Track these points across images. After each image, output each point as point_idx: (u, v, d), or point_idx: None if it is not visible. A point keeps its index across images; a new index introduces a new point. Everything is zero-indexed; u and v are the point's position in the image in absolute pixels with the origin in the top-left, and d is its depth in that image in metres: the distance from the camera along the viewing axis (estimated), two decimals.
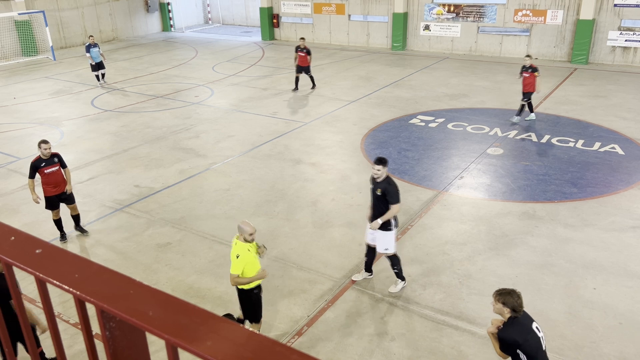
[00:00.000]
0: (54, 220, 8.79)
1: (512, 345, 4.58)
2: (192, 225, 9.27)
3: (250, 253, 5.85)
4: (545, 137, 12.81)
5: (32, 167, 8.37)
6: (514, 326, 4.62)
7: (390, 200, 6.85)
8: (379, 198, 6.94)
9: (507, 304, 4.59)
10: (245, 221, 5.91)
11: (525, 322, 4.67)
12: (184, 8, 33.29)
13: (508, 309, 4.60)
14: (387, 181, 6.88)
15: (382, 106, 15.75)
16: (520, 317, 4.66)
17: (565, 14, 20.58)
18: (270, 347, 0.96)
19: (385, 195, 6.85)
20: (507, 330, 4.62)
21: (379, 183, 6.90)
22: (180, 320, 1.03)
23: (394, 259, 7.27)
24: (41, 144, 8.39)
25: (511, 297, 4.60)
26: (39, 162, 8.37)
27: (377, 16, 24.90)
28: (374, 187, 7.01)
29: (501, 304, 4.62)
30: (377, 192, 6.91)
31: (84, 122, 15.15)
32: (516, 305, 4.59)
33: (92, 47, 18.52)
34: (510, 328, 4.62)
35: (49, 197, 8.55)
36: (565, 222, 8.93)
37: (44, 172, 8.38)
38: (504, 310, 4.63)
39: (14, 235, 1.34)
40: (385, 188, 6.85)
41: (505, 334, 4.61)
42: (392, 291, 7.32)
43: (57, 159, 8.55)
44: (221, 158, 12.19)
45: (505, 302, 4.59)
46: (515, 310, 4.60)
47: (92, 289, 1.13)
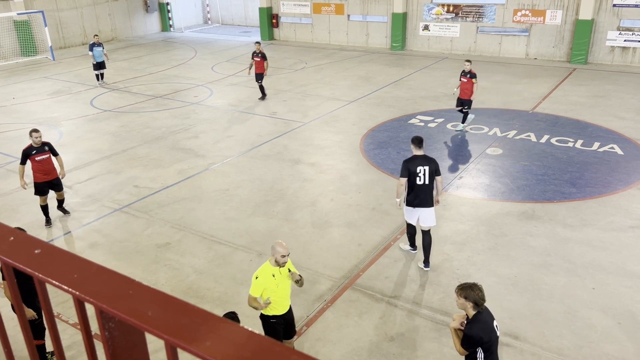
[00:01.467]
0: (41, 205, 9.23)
1: (477, 343, 4.60)
2: (191, 225, 9.26)
3: (273, 280, 5.38)
4: (545, 137, 12.81)
5: (23, 154, 8.84)
6: (479, 323, 4.62)
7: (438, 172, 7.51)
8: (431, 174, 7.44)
9: (469, 298, 4.60)
10: (279, 241, 5.47)
11: (488, 320, 4.69)
12: (183, 8, 33.28)
13: (470, 303, 4.61)
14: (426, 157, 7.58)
15: (381, 106, 15.76)
16: (484, 313, 4.67)
17: (564, 14, 20.60)
18: (270, 347, 0.96)
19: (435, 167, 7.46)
20: (473, 327, 4.62)
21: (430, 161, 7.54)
22: (179, 320, 1.03)
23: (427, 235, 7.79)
24: (32, 132, 8.86)
25: (472, 292, 4.61)
26: (30, 150, 8.83)
27: (376, 16, 24.91)
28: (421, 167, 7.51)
29: (463, 299, 4.63)
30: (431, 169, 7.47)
31: (83, 122, 15.14)
32: (478, 299, 4.60)
33: (95, 47, 18.53)
34: (475, 325, 4.62)
35: (38, 184, 9.00)
36: (565, 222, 8.93)
37: (34, 159, 8.84)
38: (467, 304, 4.63)
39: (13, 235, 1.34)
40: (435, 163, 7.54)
41: (472, 331, 4.60)
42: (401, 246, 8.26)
43: (47, 148, 9.00)
44: (220, 158, 12.19)
45: (467, 296, 4.60)
46: (478, 304, 4.60)
47: (91, 289, 1.13)
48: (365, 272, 7.78)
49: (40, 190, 9.05)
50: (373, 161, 11.75)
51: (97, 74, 19.13)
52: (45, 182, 9.02)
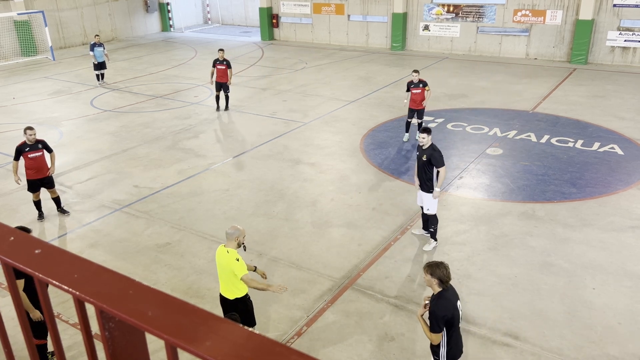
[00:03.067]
0: (34, 201, 9.49)
1: (442, 319, 4.69)
2: (191, 225, 9.27)
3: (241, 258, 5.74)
4: (545, 137, 12.81)
5: (16, 151, 9.06)
6: (443, 300, 4.74)
7: (436, 165, 7.76)
8: (424, 164, 7.85)
9: (434, 275, 4.72)
10: (232, 225, 5.86)
11: (451, 298, 4.81)
12: (183, 8, 33.28)
13: (436, 280, 4.73)
14: (432, 148, 7.81)
15: (381, 106, 15.76)
16: (449, 292, 4.79)
17: (564, 14, 20.60)
18: (270, 347, 0.96)
19: (431, 160, 7.75)
20: (438, 304, 4.72)
21: (424, 150, 7.82)
22: (179, 320, 1.03)
23: (432, 219, 8.17)
24: (27, 130, 9.05)
25: (438, 269, 4.74)
26: (24, 147, 9.05)
27: (376, 16, 24.91)
28: (419, 154, 7.91)
29: (429, 275, 4.76)
30: (423, 159, 7.83)
31: (83, 122, 15.14)
32: (442, 276, 4.72)
33: (96, 47, 18.56)
34: (440, 301, 4.73)
35: (30, 180, 9.20)
36: (565, 222, 8.93)
37: (27, 156, 9.04)
38: (432, 281, 4.76)
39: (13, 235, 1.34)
40: (430, 154, 7.75)
41: (437, 307, 4.71)
42: (426, 249, 8.19)
43: (41, 145, 9.19)
44: (220, 158, 12.19)
45: (433, 273, 4.73)
46: (442, 281, 4.73)
47: (91, 289, 1.13)
48: (365, 272, 7.78)
49: (32, 186, 9.26)
50: (373, 161, 11.75)
51: (98, 74, 19.14)
52: (37, 180, 9.20)
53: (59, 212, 9.73)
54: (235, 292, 5.82)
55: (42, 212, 9.62)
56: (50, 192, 9.50)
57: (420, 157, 7.93)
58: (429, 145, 7.83)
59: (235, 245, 5.73)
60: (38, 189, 9.31)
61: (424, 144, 7.82)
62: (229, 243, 5.75)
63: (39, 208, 9.57)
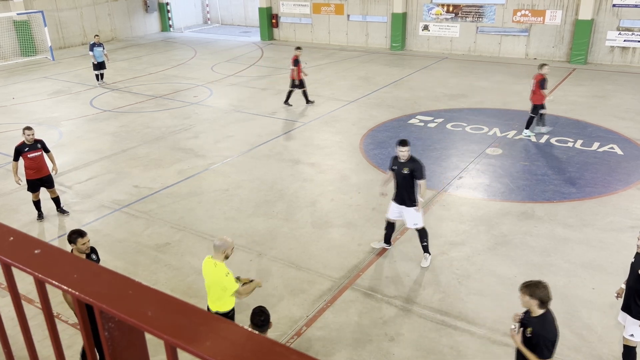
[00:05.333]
0: (34, 201, 9.48)
1: (552, 343, 4.45)
2: (191, 225, 9.26)
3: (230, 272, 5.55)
4: (544, 137, 12.81)
5: (15, 151, 9.07)
6: (549, 322, 4.49)
7: (419, 177, 7.47)
8: (405, 177, 7.52)
9: (534, 296, 4.48)
10: (221, 237, 5.58)
11: (554, 320, 4.58)
12: (182, 8, 33.27)
13: (536, 300, 4.48)
14: (412, 160, 7.54)
15: (381, 106, 15.76)
16: (551, 313, 4.56)
17: (564, 14, 20.60)
18: (270, 347, 0.96)
19: (414, 172, 7.45)
20: (545, 327, 4.47)
21: (404, 163, 7.52)
22: (179, 320, 1.03)
23: (422, 232, 7.81)
24: (25, 130, 9.07)
25: (538, 289, 4.49)
26: (23, 147, 9.05)
27: (376, 16, 24.91)
28: (399, 168, 7.55)
29: (528, 296, 4.50)
30: (404, 171, 7.50)
31: (83, 123, 15.14)
32: (544, 297, 4.48)
33: (95, 47, 18.56)
34: (546, 324, 4.49)
35: (30, 180, 9.21)
36: (564, 222, 8.93)
37: (26, 156, 9.05)
38: (532, 302, 4.51)
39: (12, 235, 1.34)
40: (412, 167, 7.48)
41: (544, 331, 4.46)
42: (424, 265, 7.83)
43: (39, 145, 9.21)
44: (220, 158, 12.19)
45: (532, 294, 4.48)
46: (544, 302, 4.48)
47: (91, 289, 1.13)
48: (365, 272, 7.78)
49: (32, 186, 9.27)
50: (373, 161, 11.75)
51: (97, 74, 19.13)
52: (37, 179, 9.21)
53: (58, 212, 9.74)
54: (219, 305, 5.62)
55: (42, 212, 9.62)
56: (50, 192, 9.51)
57: (400, 171, 7.55)
58: (408, 157, 7.53)
59: (223, 257, 5.47)
60: (38, 188, 9.33)
61: (405, 156, 7.50)
62: (217, 255, 5.48)
63: (39, 208, 9.57)
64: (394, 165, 7.68)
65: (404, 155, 7.48)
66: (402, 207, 7.71)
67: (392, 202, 7.85)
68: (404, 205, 7.69)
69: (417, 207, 7.64)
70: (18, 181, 9.28)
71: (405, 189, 7.58)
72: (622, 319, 5.84)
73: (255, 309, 4.88)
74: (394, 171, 7.69)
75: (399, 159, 7.57)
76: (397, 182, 7.69)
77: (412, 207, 7.64)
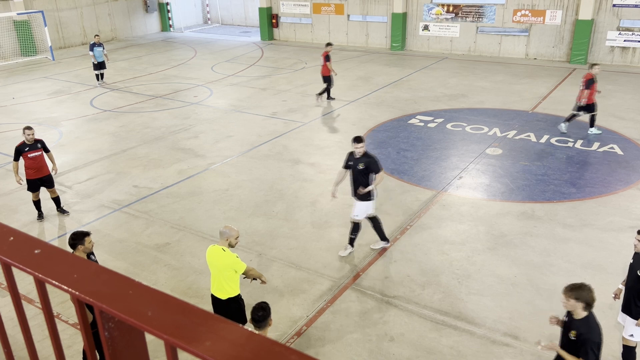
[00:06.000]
0: (34, 201, 9.49)
1: (598, 346, 4.44)
2: (191, 225, 9.26)
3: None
4: (544, 137, 12.81)
5: (16, 151, 9.09)
6: (594, 324, 4.49)
7: (375, 170, 7.73)
8: (361, 172, 7.76)
9: (580, 299, 4.49)
10: (227, 225, 5.88)
11: (598, 322, 4.58)
12: (183, 8, 33.27)
13: (582, 303, 4.49)
14: (367, 155, 7.78)
15: (381, 106, 15.76)
16: (594, 316, 4.56)
17: (564, 14, 20.61)
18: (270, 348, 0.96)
19: (369, 167, 7.69)
20: (591, 330, 4.47)
21: (359, 159, 7.74)
22: (179, 320, 1.03)
23: (358, 227, 8.13)
24: (25, 129, 9.09)
25: (583, 291, 4.50)
26: (23, 147, 9.08)
27: (376, 16, 24.91)
28: (354, 164, 7.77)
29: (574, 300, 4.51)
30: (360, 167, 7.72)
31: (83, 123, 15.14)
32: (590, 299, 4.49)
33: (95, 47, 18.55)
34: (591, 327, 4.48)
35: (30, 180, 9.24)
36: (564, 222, 8.93)
37: (27, 156, 9.08)
38: (578, 305, 4.51)
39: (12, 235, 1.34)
40: (367, 161, 7.71)
41: (591, 334, 4.46)
42: (342, 255, 8.15)
43: (40, 145, 9.24)
44: (220, 158, 12.19)
45: (579, 297, 4.49)
46: (589, 305, 4.49)
47: (91, 289, 1.13)
48: (365, 272, 7.78)
49: (32, 186, 9.28)
50: None
51: (97, 74, 19.13)
52: (37, 179, 9.24)
53: (58, 212, 9.74)
54: (229, 291, 5.80)
55: (42, 212, 9.63)
56: (50, 191, 9.52)
57: (355, 167, 7.79)
58: (363, 153, 7.74)
59: (227, 244, 5.76)
60: (38, 188, 9.34)
61: (360, 152, 7.72)
62: (222, 242, 5.78)
63: (39, 208, 9.57)
64: (349, 161, 7.90)
65: (360, 152, 7.73)
66: (356, 202, 7.98)
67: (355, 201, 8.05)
68: (360, 199, 7.94)
69: (371, 201, 7.95)
70: (19, 181, 9.30)
71: (361, 183, 7.83)
72: (621, 320, 5.85)
73: (256, 304, 4.92)
74: (349, 168, 7.91)
75: (354, 155, 7.81)
76: (353, 178, 7.91)
77: (365, 202, 7.91)
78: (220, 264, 5.69)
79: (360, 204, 7.95)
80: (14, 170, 9.25)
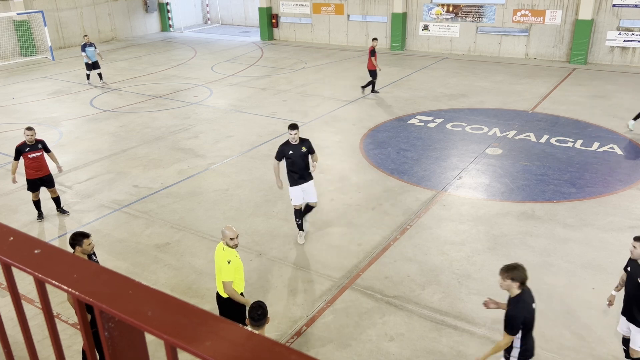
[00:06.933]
0: (34, 201, 9.51)
1: (520, 323, 4.74)
2: (191, 225, 9.26)
3: (238, 258, 5.82)
4: (544, 137, 12.82)
5: (16, 151, 9.13)
6: (522, 303, 4.79)
7: (312, 151, 8.31)
8: (303, 155, 8.22)
9: (515, 278, 4.75)
10: (228, 226, 5.89)
11: (528, 300, 4.86)
12: (182, 8, 33.27)
13: (517, 283, 4.76)
14: (302, 139, 8.26)
15: (381, 106, 15.76)
16: (526, 294, 4.84)
17: (564, 14, 20.61)
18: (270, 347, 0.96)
19: (309, 148, 8.25)
20: (518, 307, 4.77)
21: (297, 144, 8.18)
22: (179, 320, 1.03)
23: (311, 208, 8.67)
24: (26, 130, 9.12)
25: (517, 271, 4.77)
26: (23, 147, 9.12)
27: (376, 16, 24.91)
28: (295, 151, 8.16)
29: (510, 280, 4.77)
30: (303, 150, 8.20)
31: (83, 123, 15.14)
32: (524, 278, 4.77)
33: (87, 47, 18.59)
34: (519, 305, 4.78)
35: (30, 180, 9.26)
36: (564, 222, 8.93)
37: (27, 156, 9.13)
38: (513, 284, 4.79)
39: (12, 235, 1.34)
40: (307, 144, 8.23)
41: (516, 311, 4.76)
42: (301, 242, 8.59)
43: (40, 145, 9.26)
44: (220, 158, 12.19)
45: (514, 276, 4.75)
46: (523, 283, 4.78)
47: (90, 289, 1.13)
48: (365, 272, 7.78)
49: (32, 186, 9.30)
50: (373, 161, 11.75)
51: (89, 74, 19.17)
52: (37, 179, 9.27)
53: (58, 212, 9.75)
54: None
55: (42, 212, 9.63)
56: (50, 191, 9.53)
57: (297, 151, 8.15)
58: (298, 139, 8.16)
59: (224, 244, 5.81)
60: (38, 188, 9.35)
61: (296, 139, 8.13)
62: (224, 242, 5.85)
63: (39, 208, 9.58)
64: (289, 150, 8.18)
65: (295, 138, 8.11)
66: (305, 185, 8.31)
67: (292, 188, 8.37)
68: (304, 181, 8.31)
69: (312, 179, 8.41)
70: (14, 180, 9.35)
71: (304, 167, 8.26)
72: (623, 330, 5.70)
73: (254, 303, 4.95)
74: (289, 156, 8.19)
75: (291, 142, 8.16)
76: (295, 164, 8.20)
77: (311, 180, 8.38)
78: (216, 261, 5.80)
79: (311, 184, 8.38)
80: (12, 169, 9.29)
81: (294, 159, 8.17)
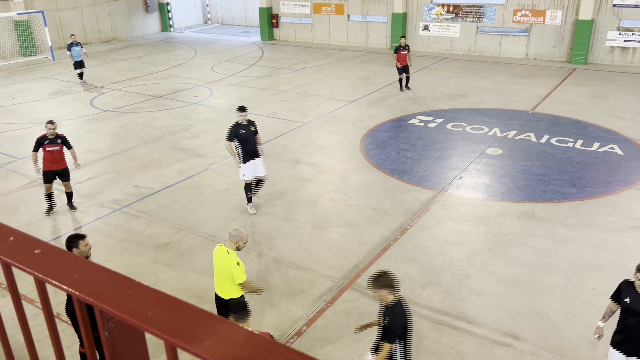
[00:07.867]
0: (45, 194, 9.69)
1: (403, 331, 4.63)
2: (191, 225, 9.26)
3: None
4: (544, 137, 12.82)
5: (36, 142, 9.34)
6: (404, 312, 4.67)
7: (257, 131, 9.31)
8: (252, 133, 9.14)
9: (384, 286, 4.59)
10: (237, 228, 5.84)
11: (405, 307, 4.74)
12: (183, 8, 33.27)
13: (386, 289, 4.60)
14: (249, 120, 9.14)
15: (381, 106, 15.76)
16: (404, 304, 4.72)
17: (564, 14, 20.61)
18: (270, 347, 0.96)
19: (255, 127, 9.23)
20: (394, 313, 4.64)
21: (247, 124, 9.06)
22: (179, 320, 1.03)
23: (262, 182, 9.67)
24: (47, 124, 9.34)
25: (383, 278, 4.62)
26: (43, 139, 9.33)
27: (376, 16, 24.91)
28: (245, 130, 9.04)
29: (379, 289, 4.60)
30: (252, 129, 9.13)
31: (83, 122, 15.14)
32: (392, 282, 4.63)
33: (73, 46, 18.69)
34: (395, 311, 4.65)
35: (45, 172, 9.44)
36: (564, 222, 8.93)
37: (45, 148, 9.33)
38: (384, 292, 4.62)
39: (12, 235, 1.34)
40: (253, 123, 9.21)
41: (395, 318, 4.63)
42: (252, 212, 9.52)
43: (60, 140, 9.46)
44: (220, 158, 12.18)
45: (382, 285, 4.59)
46: (393, 287, 4.62)
47: (91, 289, 1.13)
48: (365, 272, 7.77)
49: (46, 178, 9.46)
50: (373, 161, 11.75)
51: (79, 73, 19.20)
52: (52, 171, 9.42)
53: (68, 206, 9.89)
54: (231, 292, 5.81)
55: (52, 205, 9.74)
56: (65, 185, 9.69)
57: (247, 131, 9.02)
58: (247, 120, 9.01)
59: (235, 247, 5.72)
60: (52, 180, 9.52)
61: (245, 120, 8.98)
62: (230, 244, 5.74)
63: (49, 200, 9.71)
64: (241, 130, 9.02)
65: (244, 119, 8.98)
66: (256, 160, 9.19)
67: (244, 165, 9.14)
68: (255, 157, 9.17)
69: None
70: (37, 171, 9.46)
71: (253, 144, 9.12)
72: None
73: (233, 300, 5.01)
74: (242, 135, 8.99)
75: (241, 123, 9.00)
76: (248, 141, 9.05)
77: (261, 156, 9.27)
78: (223, 266, 5.70)
79: (261, 160, 9.25)
80: (33, 160, 9.40)
81: (246, 136, 9.03)
